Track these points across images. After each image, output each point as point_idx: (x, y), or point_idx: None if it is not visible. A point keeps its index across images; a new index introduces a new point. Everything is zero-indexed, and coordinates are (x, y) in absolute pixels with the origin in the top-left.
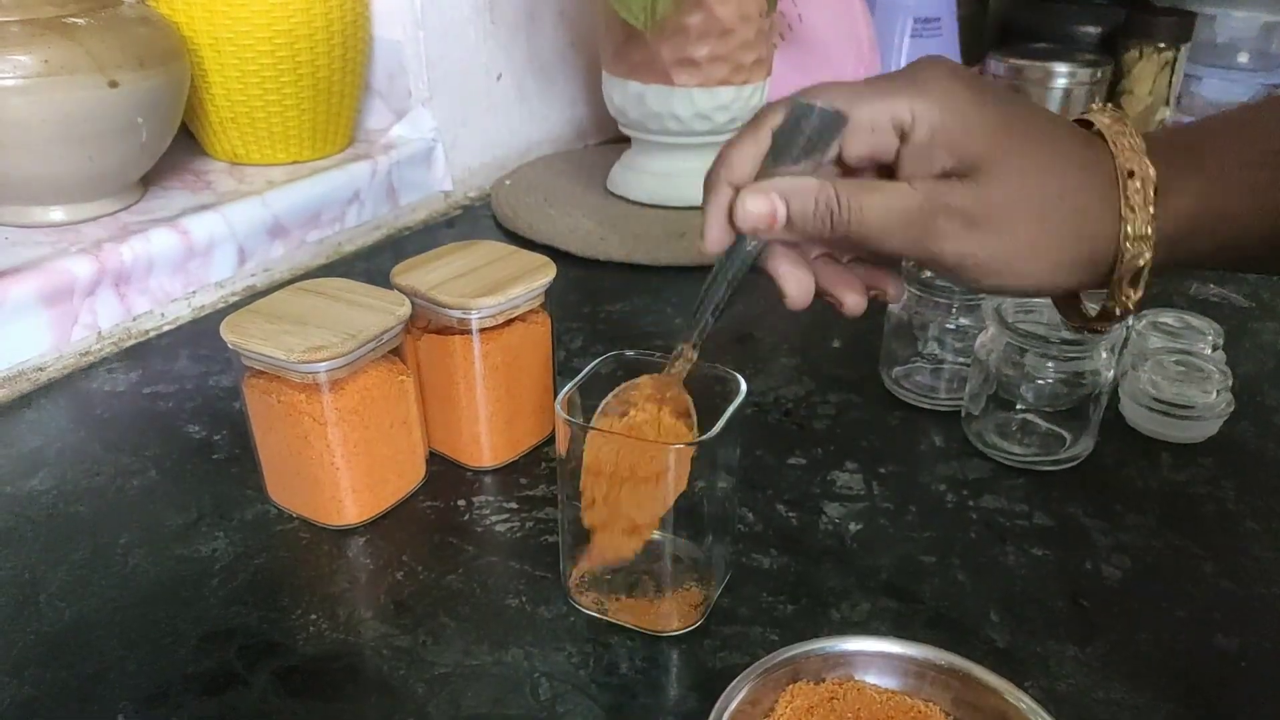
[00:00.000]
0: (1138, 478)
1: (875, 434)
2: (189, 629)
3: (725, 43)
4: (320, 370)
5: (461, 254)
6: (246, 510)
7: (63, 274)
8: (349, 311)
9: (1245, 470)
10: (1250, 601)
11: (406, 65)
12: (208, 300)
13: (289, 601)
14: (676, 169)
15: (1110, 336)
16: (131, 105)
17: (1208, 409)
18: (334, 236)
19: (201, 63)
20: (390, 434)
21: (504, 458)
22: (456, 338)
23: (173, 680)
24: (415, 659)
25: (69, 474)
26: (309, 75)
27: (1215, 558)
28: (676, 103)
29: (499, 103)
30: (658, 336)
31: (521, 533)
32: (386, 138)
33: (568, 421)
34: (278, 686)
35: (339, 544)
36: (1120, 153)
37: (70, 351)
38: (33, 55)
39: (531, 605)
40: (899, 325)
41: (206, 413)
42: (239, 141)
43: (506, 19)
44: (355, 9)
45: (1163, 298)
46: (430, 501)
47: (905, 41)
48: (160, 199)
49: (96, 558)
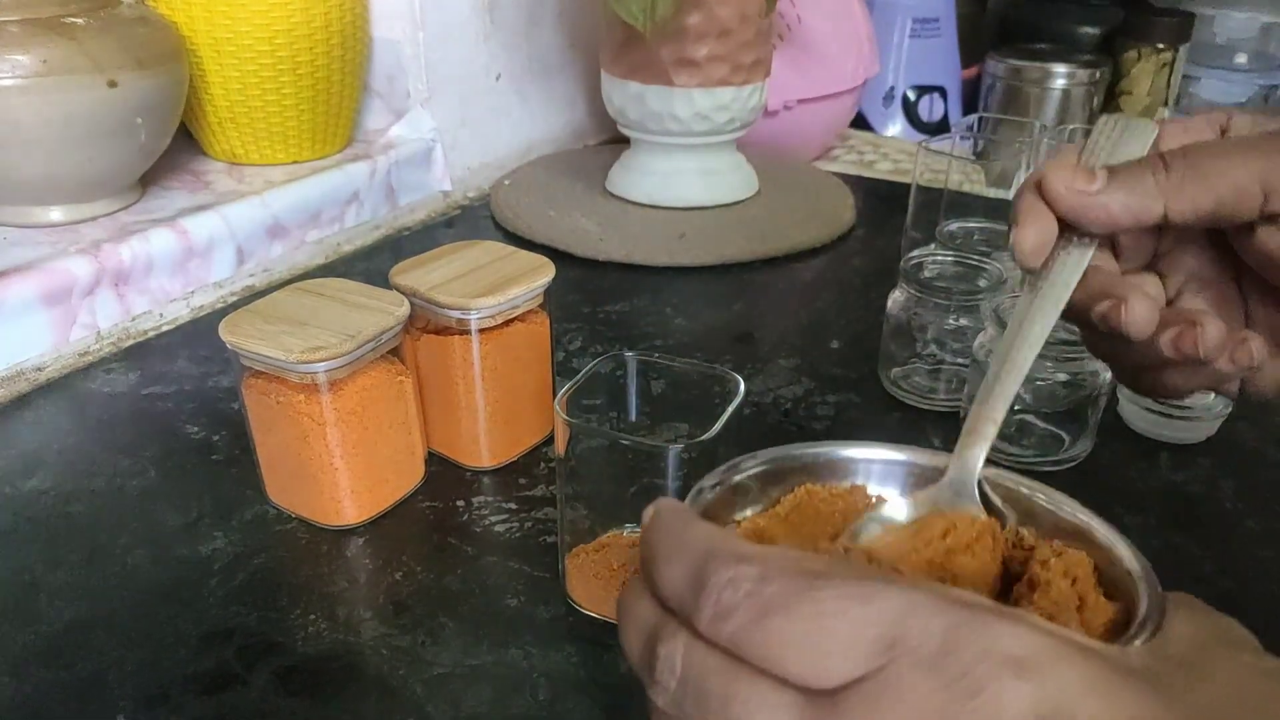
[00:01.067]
0: (1137, 478)
1: (874, 435)
2: (188, 629)
3: (725, 43)
4: (319, 371)
5: (460, 254)
6: (246, 511)
7: (62, 274)
8: (348, 312)
9: (1244, 470)
10: (1250, 601)
11: (406, 65)
12: (207, 300)
13: (288, 602)
14: (676, 169)
15: None
16: (130, 105)
17: (1206, 409)
18: (333, 237)
19: (200, 63)
20: (389, 434)
21: (503, 458)
22: (455, 338)
23: (172, 680)
24: (414, 659)
25: (68, 474)
26: (308, 75)
27: (1215, 558)
28: (676, 103)
29: (498, 103)
30: (657, 337)
31: (521, 533)
32: (386, 138)
33: (567, 422)
34: (277, 686)
35: (338, 544)
36: None
37: (69, 352)
38: (31, 55)
39: (531, 605)
40: (898, 326)
41: (205, 413)
42: (238, 142)
43: (506, 20)
44: (354, 9)
45: None
46: (429, 502)
47: (905, 41)
48: (159, 199)
49: (96, 558)
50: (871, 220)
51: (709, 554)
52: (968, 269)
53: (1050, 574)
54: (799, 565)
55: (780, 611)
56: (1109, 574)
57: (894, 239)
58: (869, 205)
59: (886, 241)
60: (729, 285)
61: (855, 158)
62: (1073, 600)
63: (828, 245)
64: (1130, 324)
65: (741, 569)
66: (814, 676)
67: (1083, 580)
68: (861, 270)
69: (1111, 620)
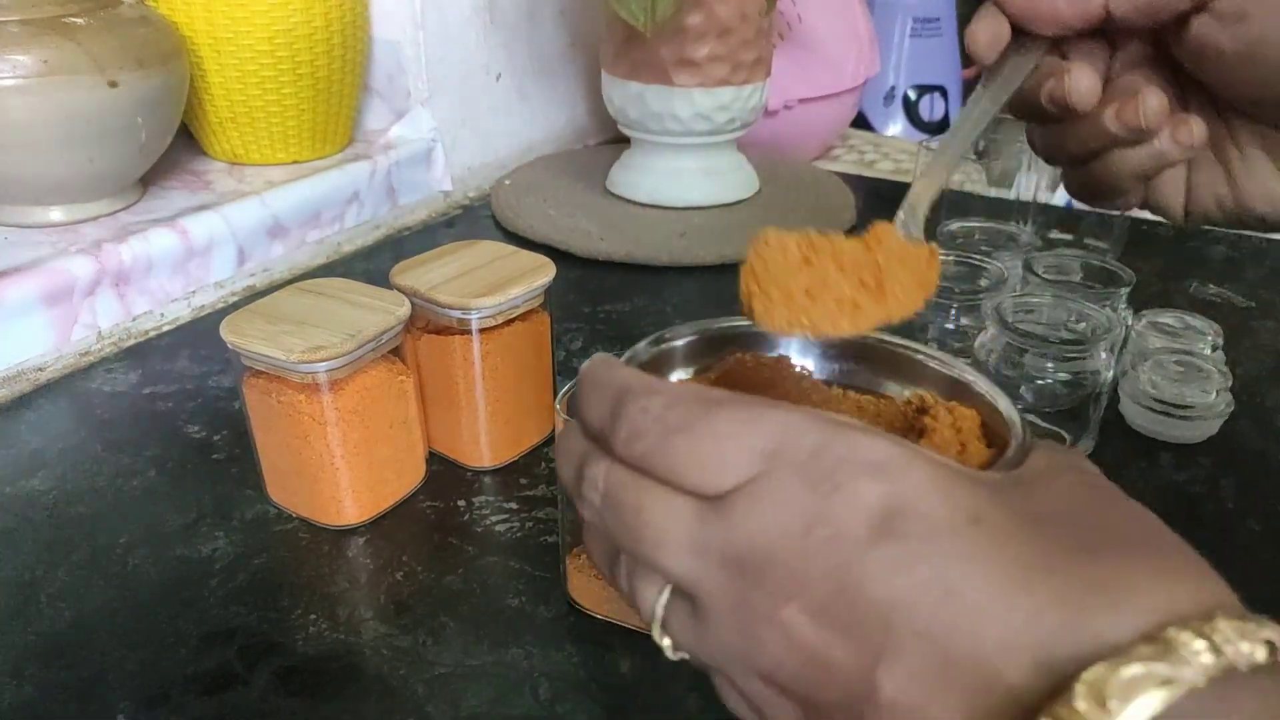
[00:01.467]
0: (1137, 478)
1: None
2: (189, 629)
3: (725, 42)
4: (320, 370)
5: (461, 254)
6: (246, 510)
7: (62, 274)
8: (348, 312)
9: (1245, 470)
10: (1251, 602)
11: (406, 65)
12: (207, 300)
13: (289, 602)
14: (676, 169)
15: (1110, 336)
16: (131, 105)
17: (1207, 409)
18: (333, 236)
19: (201, 63)
20: (390, 434)
21: (504, 458)
22: (456, 338)
23: (173, 680)
24: (415, 659)
25: (69, 474)
26: (308, 75)
27: (1215, 558)
28: (676, 103)
29: (499, 103)
30: None
31: (521, 533)
32: (386, 138)
33: (567, 422)
34: (278, 687)
35: (339, 544)
36: None
37: (70, 352)
38: (32, 55)
39: (531, 605)
40: (898, 326)
41: (206, 413)
42: (238, 141)
43: (506, 19)
44: (354, 9)
45: (1162, 298)
46: (430, 501)
47: (905, 41)
48: (159, 199)
49: (96, 558)
50: (872, 220)
51: (625, 388)
52: (968, 269)
53: (937, 424)
54: (699, 394)
55: (681, 431)
56: (994, 427)
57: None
58: (870, 205)
59: None
60: (729, 285)
61: (856, 157)
62: (955, 446)
63: None
64: (1074, 91)
65: (652, 399)
66: (707, 484)
67: (967, 431)
68: None
69: (985, 463)
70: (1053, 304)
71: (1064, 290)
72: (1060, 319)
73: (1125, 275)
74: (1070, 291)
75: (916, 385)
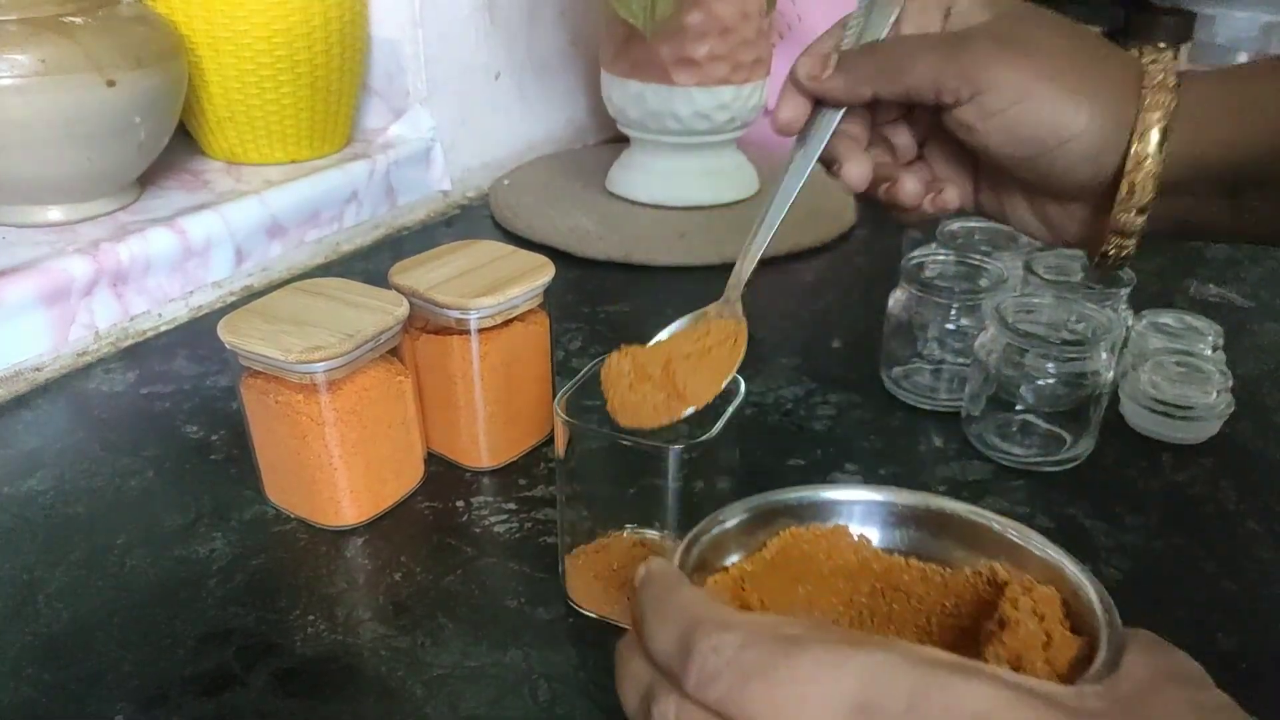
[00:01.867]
0: (1138, 478)
1: (875, 435)
2: (187, 630)
3: (725, 41)
4: (318, 370)
5: (460, 254)
6: (244, 511)
7: (60, 274)
8: (347, 312)
9: (1245, 470)
10: (1251, 601)
11: (405, 64)
12: (205, 300)
13: (287, 602)
14: (676, 169)
15: (1110, 337)
16: (129, 105)
17: (1208, 409)
18: (332, 236)
19: (199, 62)
20: (388, 434)
21: (503, 458)
22: (455, 338)
23: (171, 681)
24: (413, 660)
25: (67, 474)
26: (307, 74)
27: (1216, 558)
28: (676, 102)
29: (498, 102)
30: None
31: (520, 534)
32: (385, 137)
33: (567, 422)
34: (276, 687)
35: (337, 545)
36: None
37: (68, 352)
38: (30, 54)
39: (530, 606)
40: (899, 326)
41: (204, 413)
42: (236, 141)
43: (506, 18)
44: (353, 8)
45: (1163, 298)
46: (429, 502)
47: None
48: (158, 199)
49: (94, 558)
50: (873, 220)
51: (695, 621)
52: (969, 268)
53: (1019, 613)
54: (776, 631)
55: (759, 677)
56: (1075, 607)
57: (895, 238)
58: (870, 205)
59: (888, 241)
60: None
61: None
62: (1040, 638)
63: (829, 245)
64: (847, 179)
65: (724, 636)
66: None
67: (1050, 617)
68: (863, 270)
69: (1076, 656)
70: (1053, 304)
71: (1064, 290)
72: (1061, 319)
73: (1125, 276)
74: (1071, 292)
75: (985, 554)
